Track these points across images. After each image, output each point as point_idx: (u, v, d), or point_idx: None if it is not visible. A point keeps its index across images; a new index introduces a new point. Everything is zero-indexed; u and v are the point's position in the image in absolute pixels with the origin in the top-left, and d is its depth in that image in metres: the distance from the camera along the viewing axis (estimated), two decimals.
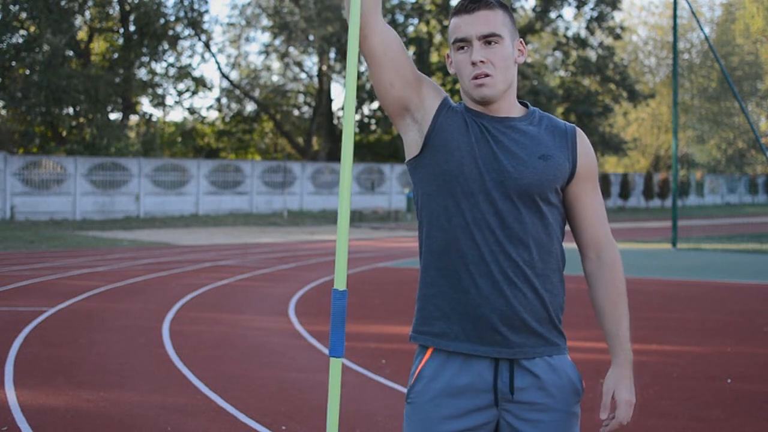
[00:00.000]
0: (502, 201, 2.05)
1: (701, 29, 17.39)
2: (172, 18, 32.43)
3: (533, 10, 40.18)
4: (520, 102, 2.19)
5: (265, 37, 49.08)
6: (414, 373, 2.15)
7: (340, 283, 2.02)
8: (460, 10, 2.10)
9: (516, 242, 2.05)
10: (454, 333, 2.08)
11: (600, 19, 40.83)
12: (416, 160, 2.15)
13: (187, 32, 34.40)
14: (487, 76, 2.07)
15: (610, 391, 2.09)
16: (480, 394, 2.06)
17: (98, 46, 34.35)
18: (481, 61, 2.06)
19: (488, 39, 2.07)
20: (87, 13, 31.94)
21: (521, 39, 2.17)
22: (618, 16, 44.30)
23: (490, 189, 2.05)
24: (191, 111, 39.37)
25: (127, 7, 31.56)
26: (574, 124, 2.18)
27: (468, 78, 2.09)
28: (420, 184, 2.15)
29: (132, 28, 31.84)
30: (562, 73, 44.08)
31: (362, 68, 26.88)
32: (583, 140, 2.16)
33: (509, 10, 2.14)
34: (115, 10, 32.57)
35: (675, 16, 19.37)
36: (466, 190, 2.06)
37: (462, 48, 2.10)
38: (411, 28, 39.57)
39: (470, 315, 2.06)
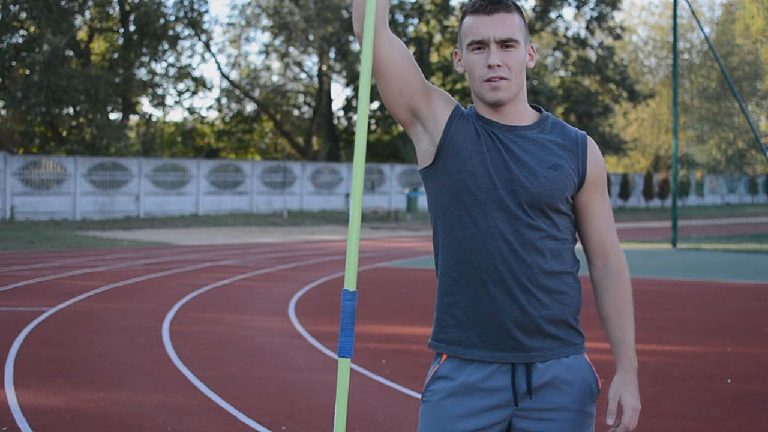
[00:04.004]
0: (515, 209, 2.06)
1: (701, 29, 17.38)
2: (172, 18, 32.40)
3: (533, 10, 40.15)
4: (533, 106, 2.19)
5: (265, 37, 49.05)
6: (430, 373, 2.18)
7: (350, 284, 2.02)
8: (477, 9, 2.09)
9: (530, 248, 2.06)
10: (469, 341, 2.10)
11: (600, 19, 40.82)
12: (429, 170, 2.16)
13: (187, 32, 34.37)
14: (503, 79, 2.07)
15: (617, 396, 2.10)
16: (494, 393, 2.08)
17: (98, 46, 34.33)
18: (498, 65, 2.06)
19: (506, 43, 2.07)
20: (87, 13, 31.91)
21: (532, 44, 2.18)
22: (618, 16, 44.31)
23: (503, 197, 2.06)
24: (191, 111, 39.35)
25: (127, 7, 31.54)
26: (585, 132, 2.19)
27: (481, 80, 2.09)
28: (433, 194, 2.16)
29: (132, 28, 31.81)
30: (562, 73, 44.06)
31: None
32: (593, 149, 2.17)
33: (524, 14, 2.15)
34: (115, 10, 32.56)
35: (675, 16, 19.36)
36: (479, 200, 2.07)
37: (478, 49, 2.09)
38: (411, 28, 39.57)
39: (486, 322, 2.08)
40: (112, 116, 32.01)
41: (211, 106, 40.86)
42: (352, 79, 38.38)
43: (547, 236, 2.08)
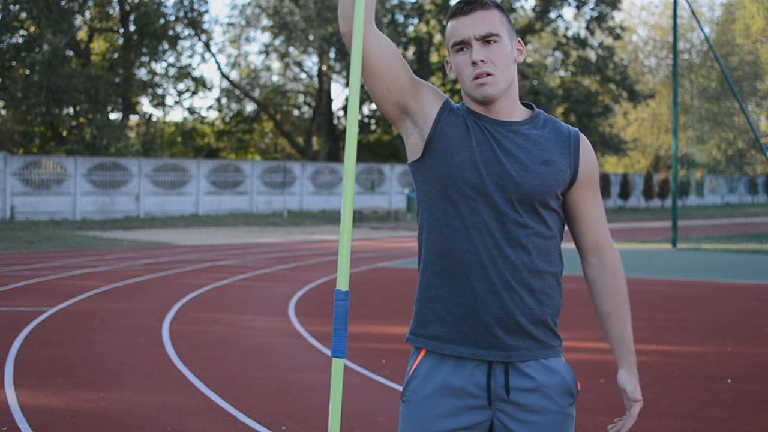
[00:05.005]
0: (503, 204, 2.05)
1: (701, 29, 17.37)
2: (172, 18, 32.40)
3: (533, 10, 40.17)
4: (525, 104, 2.19)
5: (265, 37, 49.05)
6: (409, 371, 2.16)
7: (342, 284, 2.02)
8: (456, 12, 2.11)
9: (515, 245, 2.05)
10: (449, 336, 2.09)
11: (600, 19, 40.81)
12: (418, 163, 2.15)
13: (187, 32, 34.38)
14: (488, 75, 2.06)
15: (628, 385, 2.13)
16: (473, 393, 2.07)
17: (98, 46, 34.33)
18: (482, 60, 2.06)
19: (487, 38, 2.07)
20: (87, 13, 31.91)
21: (519, 38, 2.17)
22: (618, 16, 44.30)
23: (491, 192, 2.05)
24: (191, 111, 39.36)
25: (127, 7, 31.55)
26: (577, 129, 2.18)
27: (469, 78, 2.08)
28: (421, 187, 2.16)
29: (132, 28, 31.82)
30: (562, 73, 44.06)
31: None
32: (585, 146, 2.16)
33: (504, 9, 2.14)
34: (115, 10, 32.56)
35: (675, 16, 19.37)
36: (466, 194, 2.06)
37: (461, 50, 2.10)
38: (411, 28, 39.57)
39: (467, 318, 2.07)
40: (112, 116, 32.04)
41: (211, 106, 40.86)
42: None
43: (534, 233, 2.07)
